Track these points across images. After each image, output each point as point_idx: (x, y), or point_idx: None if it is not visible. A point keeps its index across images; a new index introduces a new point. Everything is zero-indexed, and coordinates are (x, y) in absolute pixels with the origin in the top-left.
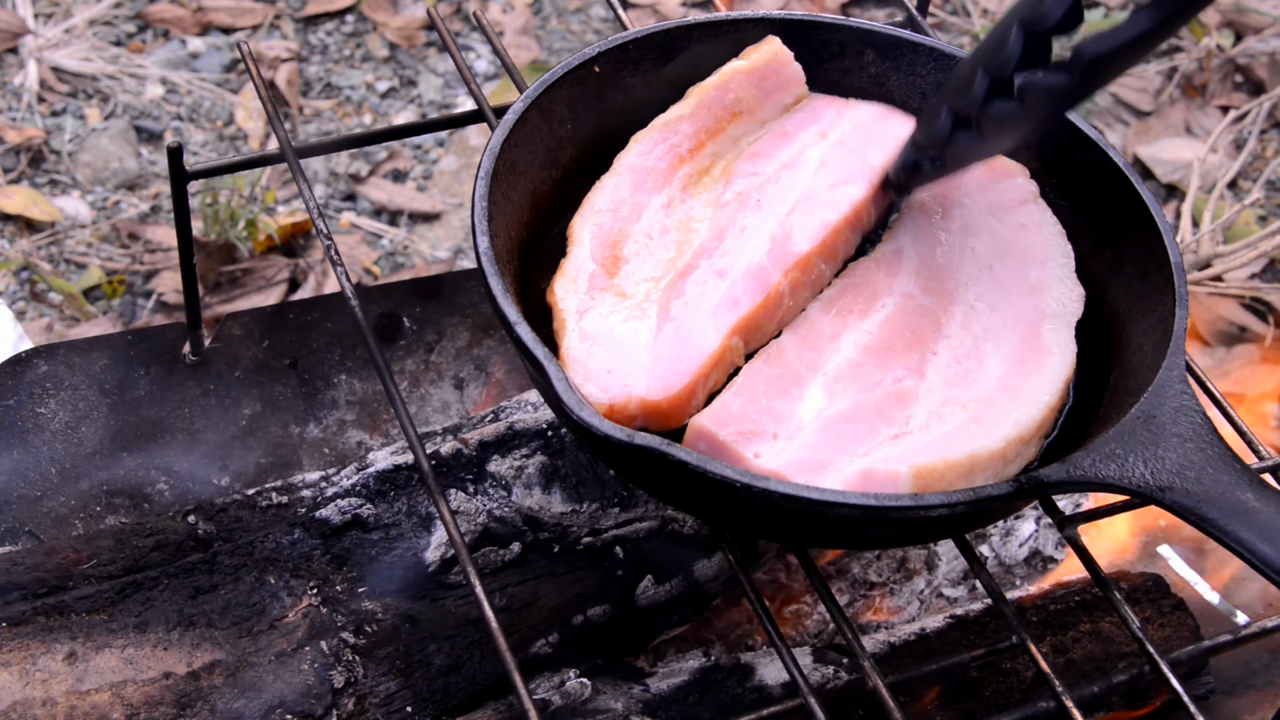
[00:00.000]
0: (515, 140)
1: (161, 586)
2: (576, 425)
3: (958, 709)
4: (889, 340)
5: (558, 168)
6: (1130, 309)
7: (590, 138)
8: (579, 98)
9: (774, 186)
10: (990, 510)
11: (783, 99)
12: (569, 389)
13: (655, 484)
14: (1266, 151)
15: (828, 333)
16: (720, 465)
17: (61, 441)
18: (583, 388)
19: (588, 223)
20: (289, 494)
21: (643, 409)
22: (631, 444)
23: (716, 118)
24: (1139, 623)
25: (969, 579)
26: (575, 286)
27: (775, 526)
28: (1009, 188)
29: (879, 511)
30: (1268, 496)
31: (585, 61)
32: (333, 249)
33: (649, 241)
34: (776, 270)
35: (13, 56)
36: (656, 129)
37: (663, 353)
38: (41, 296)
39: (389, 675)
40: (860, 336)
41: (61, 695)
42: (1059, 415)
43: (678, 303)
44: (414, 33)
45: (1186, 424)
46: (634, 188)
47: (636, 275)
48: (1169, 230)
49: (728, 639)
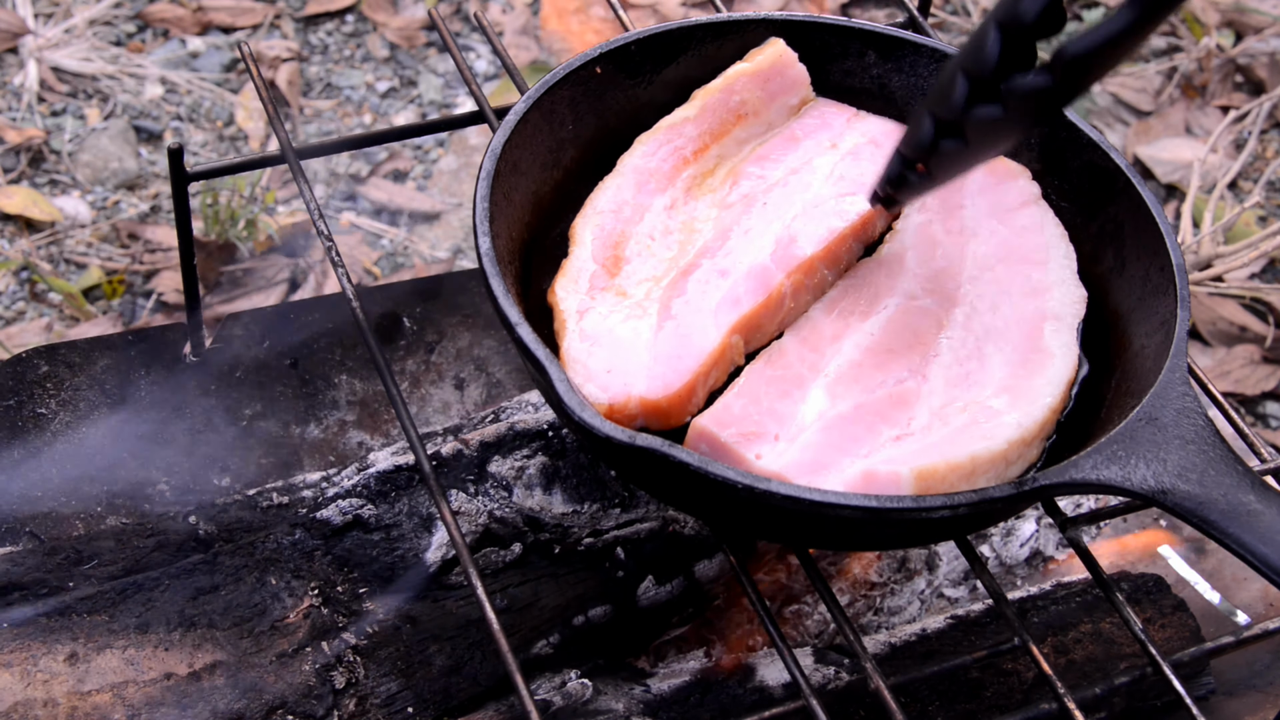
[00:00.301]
0: (517, 141)
1: (162, 587)
2: (578, 426)
3: (958, 710)
4: (890, 341)
5: (559, 168)
6: (1132, 311)
7: (592, 139)
8: (581, 98)
9: (781, 190)
10: (992, 512)
11: (788, 101)
12: (570, 390)
13: (656, 485)
14: (1266, 152)
15: (829, 334)
16: (721, 467)
17: (62, 442)
18: (583, 388)
19: (590, 223)
20: (290, 494)
21: (643, 408)
22: (633, 445)
23: (721, 120)
24: (1139, 624)
25: (970, 579)
26: (576, 287)
27: (777, 528)
28: (1011, 189)
29: (880, 513)
30: (1269, 499)
31: (587, 62)
32: (333, 249)
33: (651, 242)
34: (779, 271)
35: (13, 56)
36: (661, 130)
37: (663, 351)
38: (41, 296)
39: (390, 676)
40: (862, 338)
41: (63, 696)
42: (1061, 417)
43: (679, 301)
44: (414, 33)
45: (1189, 426)
46: (637, 189)
47: (637, 275)
48: (1171, 232)
49: (729, 639)
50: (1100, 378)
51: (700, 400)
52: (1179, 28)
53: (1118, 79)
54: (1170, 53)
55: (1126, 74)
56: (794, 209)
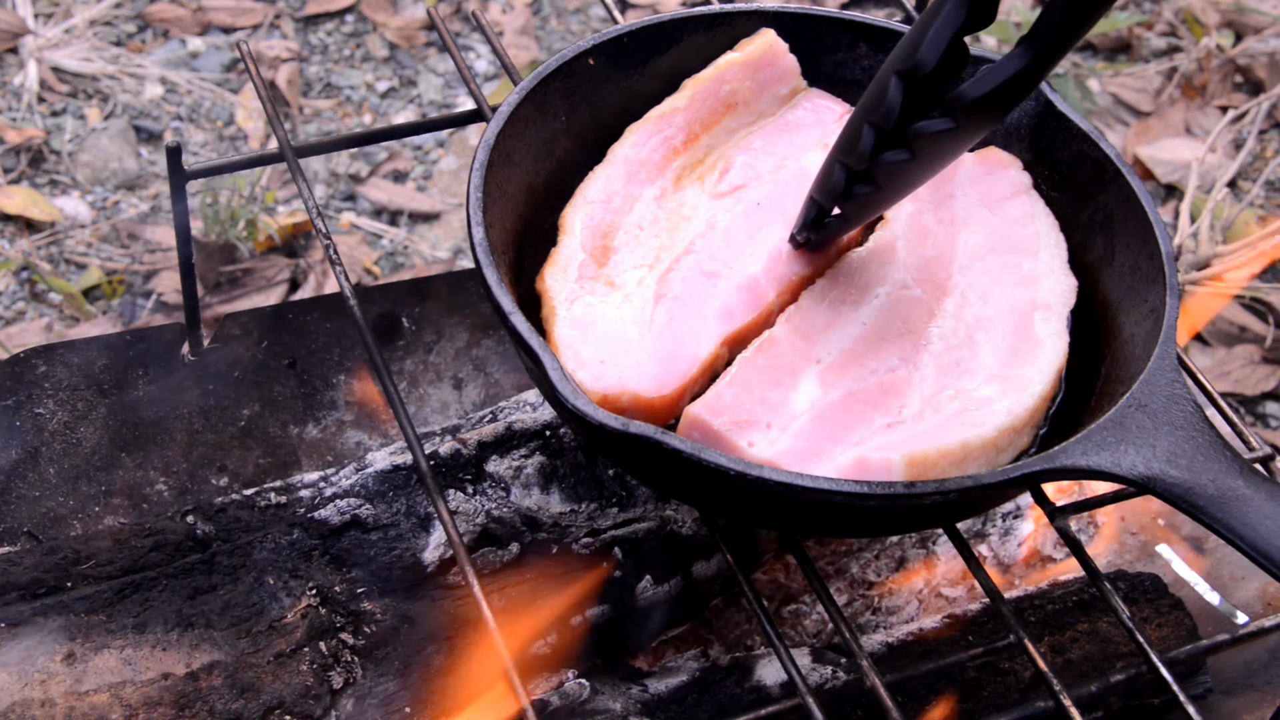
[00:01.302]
0: (510, 132)
1: (160, 587)
2: (571, 414)
3: (956, 709)
4: (882, 330)
5: (552, 159)
6: (1122, 299)
7: (584, 130)
8: (574, 90)
9: (774, 189)
10: (983, 498)
11: (778, 90)
12: (564, 378)
13: (648, 473)
14: (1266, 151)
15: (821, 323)
16: (714, 454)
17: (60, 441)
18: (575, 374)
19: (579, 213)
20: (288, 494)
21: (634, 404)
22: (626, 433)
23: (711, 110)
24: (1128, 613)
25: (967, 578)
26: (565, 275)
27: (768, 514)
28: (1002, 179)
29: (871, 499)
30: (1258, 484)
31: (580, 54)
32: (332, 249)
33: (639, 232)
34: (771, 290)
35: (13, 56)
36: (651, 120)
37: (659, 352)
38: (41, 296)
39: (388, 676)
40: (853, 327)
41: (60, 696)
42: (1051, 405)
43: (674, 302)
44: (414, 33)
45: (1178, 412)
46: (627, 179)
47: (625, 265)
48: (1160, 221)
49: (726, 639)
50: (1090, 366)
51: (685, 403)
52: (1179, 28)
53: (1118, 79)
54: (1170, 53)
55: (1127, 74)
56: (787, 215)
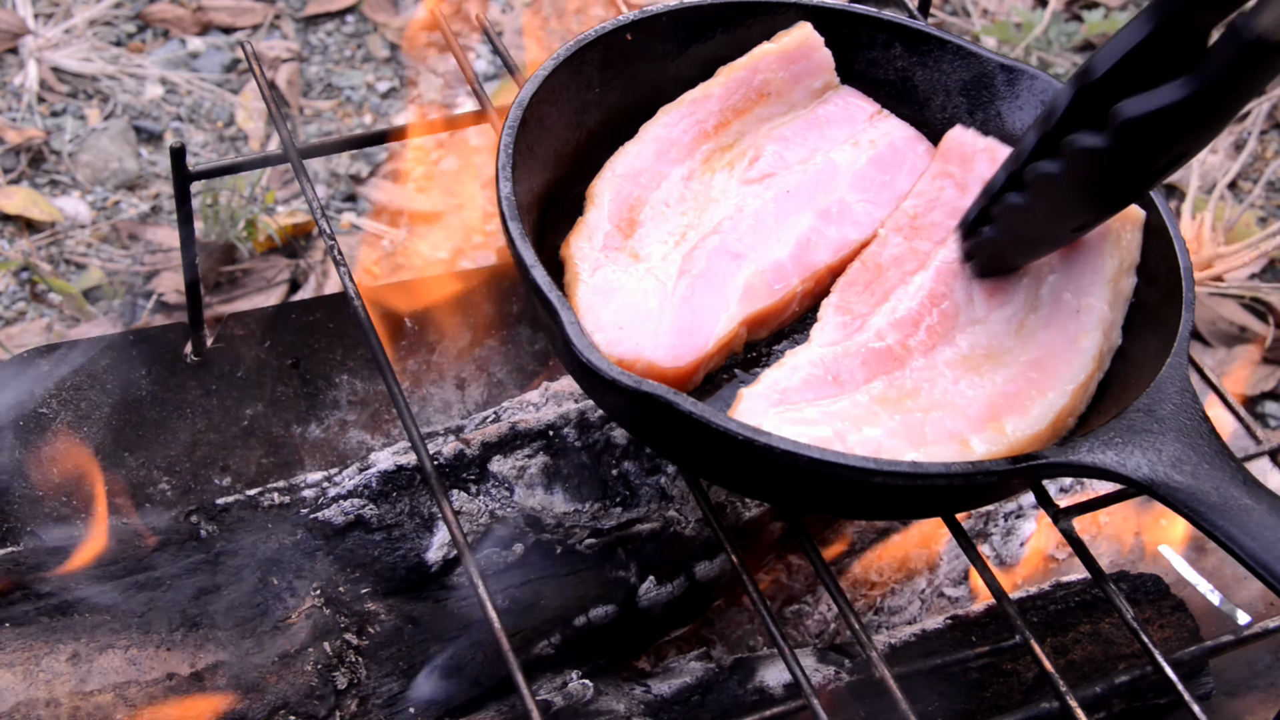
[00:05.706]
0: (544, 96)
1: (164, 587)
2: (583, 368)
3: (958, 709)
4: None
5: (583, 129)
6: (1138, 309)
7: (616, 104)
8: (609, 63)
9: (805, 179)
10: (986, 487)
11: (811, 84)
12: (580, 333)
13: (653, 433)
14: (1266, 152)
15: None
16: (724, 417)
17: (62, 441)
18: (593, 335)
19: (608, 186)
20: (291, 494)
21: (649, 372)
22: (638, 390)
23: (744, 97)
24: (1132, 612)
25: (969, 578)
26: (591, 244)
27: (770, 485)
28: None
29: (877, 474)
30: (1259, 495)
31: (619, 27)
32: (336, 249)
33: (666, 209)
34: (795, 276)
35: (13, 56)
36: (685, 103)
37: (678, 324)
38: (41, 297)
39: (392, 676)
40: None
41: (65, 696)
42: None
43: (697, 279)
44: (414, 33)
45: (1186, 419)
46: (657, 157)
47: (651, 239)
48: (1180, 237)
49: (729, 640)
50: None
51: (699, 380)
52: None
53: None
54: None
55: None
56: (817, 206)
